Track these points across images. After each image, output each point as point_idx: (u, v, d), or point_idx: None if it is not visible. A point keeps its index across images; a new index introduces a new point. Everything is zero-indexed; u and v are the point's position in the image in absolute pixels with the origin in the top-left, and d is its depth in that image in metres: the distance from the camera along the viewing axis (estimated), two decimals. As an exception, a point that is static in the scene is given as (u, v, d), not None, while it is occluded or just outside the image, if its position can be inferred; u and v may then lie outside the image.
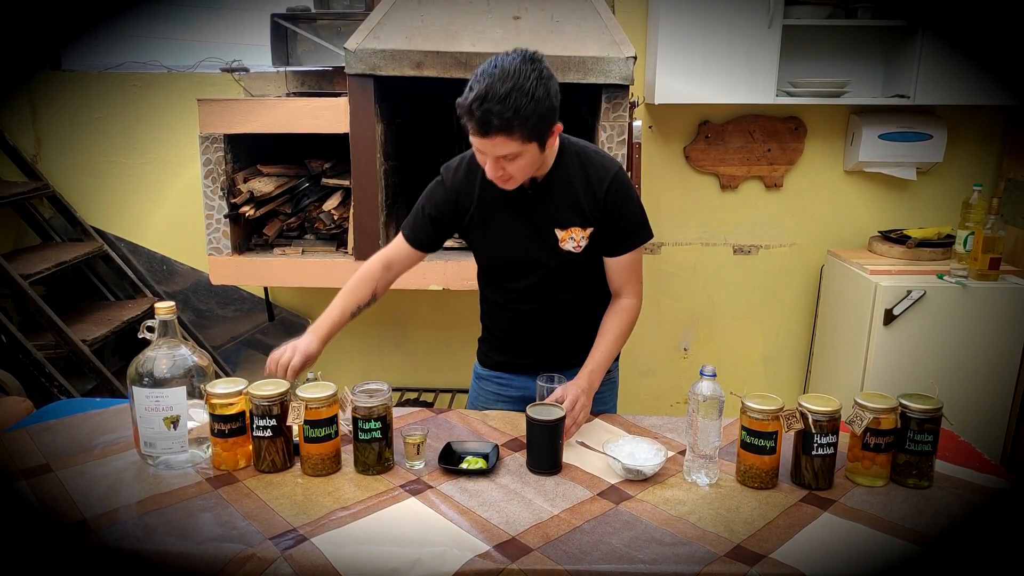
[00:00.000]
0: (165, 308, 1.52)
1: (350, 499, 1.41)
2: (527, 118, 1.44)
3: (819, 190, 3.12)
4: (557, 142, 1.65)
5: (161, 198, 3.15)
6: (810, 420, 1.43)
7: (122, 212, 3.18)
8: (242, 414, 1.50)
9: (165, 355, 1.50)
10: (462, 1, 2.50)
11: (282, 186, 2.67)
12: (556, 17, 2.43)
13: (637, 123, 2.54)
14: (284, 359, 1.62)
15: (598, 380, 1.70)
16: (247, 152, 2.69)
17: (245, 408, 1.50)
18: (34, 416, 1.79)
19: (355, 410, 1.49)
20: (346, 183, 2.60)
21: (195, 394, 1.51)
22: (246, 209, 2.58)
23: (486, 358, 1.92)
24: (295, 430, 1.51)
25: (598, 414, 1.79)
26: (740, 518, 1.36)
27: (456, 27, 2.39)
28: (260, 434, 1.49)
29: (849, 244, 3.15)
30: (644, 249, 1.75)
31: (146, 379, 1.48)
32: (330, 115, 2.47)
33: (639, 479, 1.49)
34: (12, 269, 2.68)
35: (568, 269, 1.70)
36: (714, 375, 1.46)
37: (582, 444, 1.62)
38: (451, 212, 1.73)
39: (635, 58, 2.29)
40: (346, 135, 2.43)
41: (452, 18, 2.43)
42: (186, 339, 1.60)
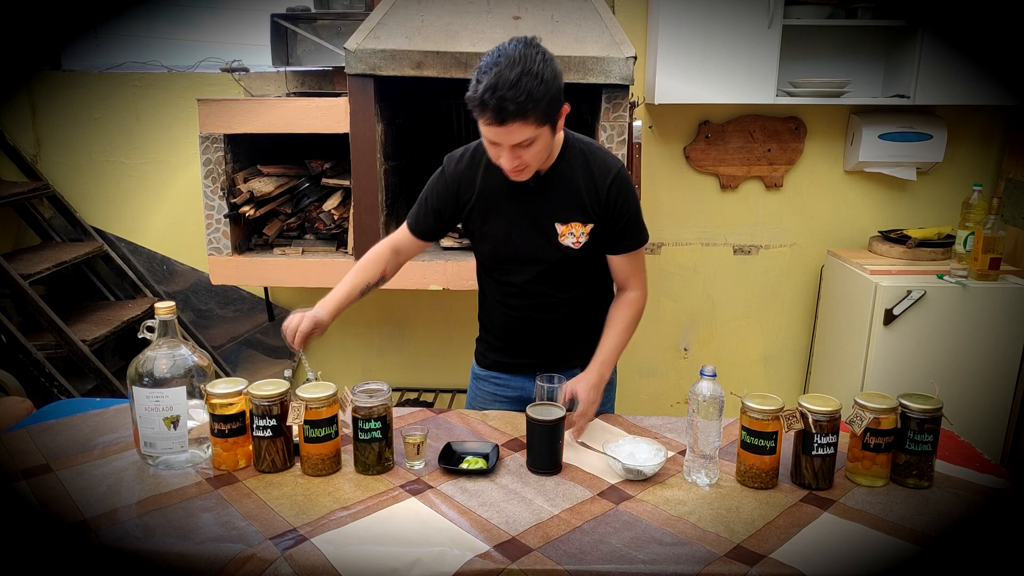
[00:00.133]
0: (165, 308, 1.52)
1: (350, 499, 1.41)
2: (540, 100, 1.45)
3: (819, 190, 3.12)
4: (562, 136, 1.66)
5: (161, 198, 3.15)
6: (810, 420, 1.43)
7: (122, 212, 3.18)
8: (242, 414, 1.50)
9: (165, 355, 1.50)
10: (462, 1, 2.50)
11: (282, 186, 2.67)
12: (556, 17, 2.43)
13: (637, 123, 2.54)
14: (293, 323, 1.64)
15: (608, 372, 1.71)
16: (247, 152, 2.69)
17: (245, 408, 1.50)
18: (34, 416, 1.79)
19: (355, 410, 1.49)
20: (346, 183, 2.60)
21: (195, 394, 1.51)
22: (246, 209, 2.58)
23: (483, 358, 1.92)
24: (295, 430, 1.51)
25: (598, 414, 1.78)
26: (740, 518, 1.36)
27: (456, 27, 2.39)
28: (260, 434, 1.49)
29: (849, 244, 3.15)
30: (645, 248, 1.77)
31: (146, 379, 1.48)
32: (330, 115, 2.47)
33: (639, 479, 1.49)
34: (12, 269, 2.68)
35: (566, 266, 1.71)
36: (714, 375, 1.46)
37: (582, 444, 1.62)
38: (452, 202, 1.74)
39: (635, 58, 2.29)
40: (346, 135, 2.43)
41: (452, 18, 2.43)
42: (186, 339, 1.60)
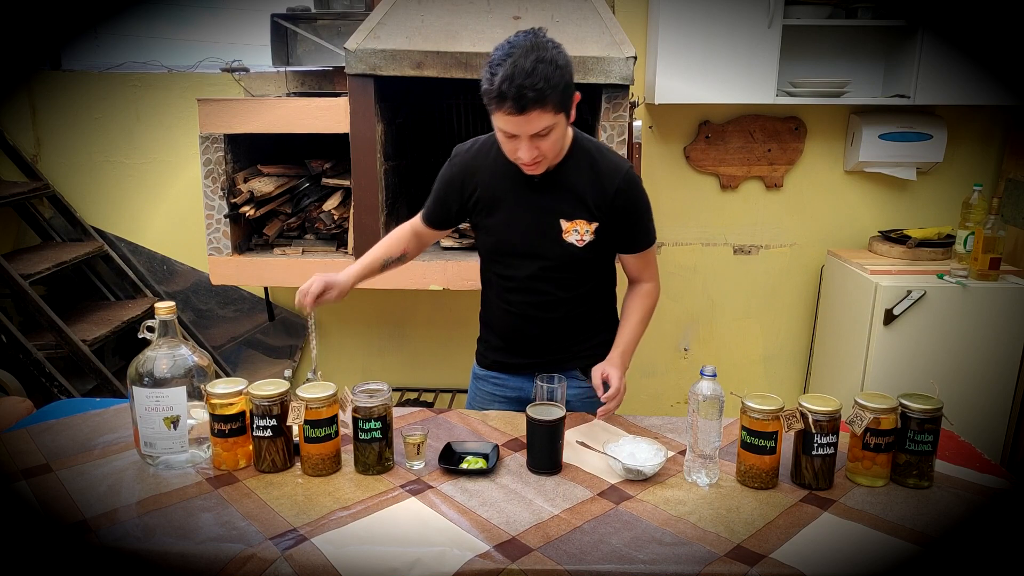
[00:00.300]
0: (165, 308, 1.52)
1: (350, 499, 1.41)
2: (556, 85, 1.47)
3: (819, 190, 3.12)
4: (571, 133, 1.67)
5: (161, 198, 3.15)
6: (810, 420, 1.43)
7: (122, 212, 3.18)
8: (242, 414, 1.50)
9: (165, 355, 1.50)
10: (462, 1, 2.50)
11: (282, 186, 2.67)
12: (556, 17, 2.43)
13: (637, 123, 2.54)
14: (305, 286, 1.69)
15: (628, 360, 1.74)
16: (247, 152, 2.69)
17: (245, 408, 1.50)
18: (34, 416, 1.79)
19: (355, 410, 1.49)
20: (346, 183, 2.60)
21: (195, 394, 1.51)
22: (246, 209, 2.58)
23: (483, 358, 1.92)
24: (295, 430, 1.51)
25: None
26: (740, 518, 1.36)
27: (456, 27, 2.39)
28: (260, 434, 1.49)
29: (849, 244, 3.15)
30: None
31: (146, 379, 1.48)
32: (330, 115, 2.47)
33: (639, 479, 1.49)
34: (12, 269, 2.68)
35: (567, 263, 1.71)
36: (714, 375, 1.46)
37: (582, 444, 1.62)
38: (457, 191, 1.76)
39: (635, 58, 2.29)
40: (346, 135, 2.43)
41: (452, 18, 2.43)
42: (186, 339, 1.60)
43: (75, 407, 1.82)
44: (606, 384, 1.67)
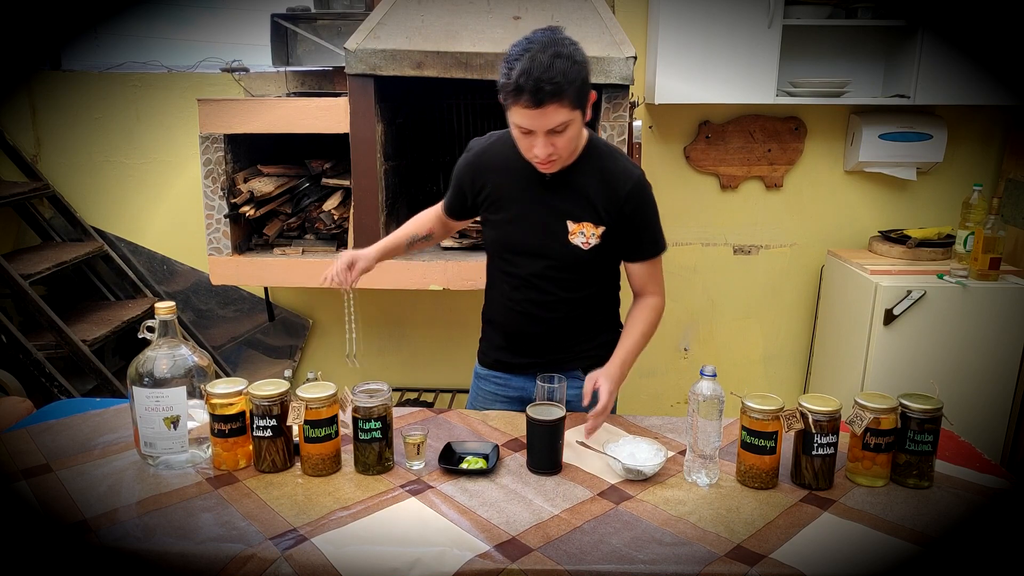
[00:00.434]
0: (165, 308, 1.52)
1: (350, 499, 1.41)
2: (574, 80, 1.47)
3: (819, 190, 3.12)
4: (586, 135, 1.67)
5: (161, 198, 3.15)
6: (810, 420, 1.43)
7: (122, 212, 3.18)
8: (242, 414, 1.50)
9: (165, 355, 1.50)
10: (462, 1, 2.50)
11: (282, 186, 2.67)
12: (556, 17, 2.43)
13: (637, 123, 2.54)
14: (334, 267, 1.71)
15: (626, 372, 1.73)
16: (247, 152, 2.69)
17: (245, 408, 1.50)
18: (34, 416, 1.79)
19: (355, 410, 1.49)
20: (346, 183, 2.60)
21: (195, 394, 1.51)
22: (246, 209, 2.58)
23: (485, 356, 1.92)
24: (295, 430, 1.51)
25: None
26: (740, 518, 1.36)
27: (456, 27, 2.39)
28: (260, 434, 1.49)
29: (849, 244, 3.15)
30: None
31: (146, 379, 1.48)
32: (330, 115, 2.47)
33: (639, 479, 1.49)
34: (12, 269, 2.68)
35: (571, 264, 1.71)
36: (714, 375, 1.46)
37: (582, 444, 1.62)
38: (468, 183, 1.77)
39: (635, 58, 2.29)
40: (346, 135, 2.43)
41: (452, 18, 2.43)
42: (186, 339, 1.60)
43: (75, 407, 1.82)
44: (595, 395, 1.63)
